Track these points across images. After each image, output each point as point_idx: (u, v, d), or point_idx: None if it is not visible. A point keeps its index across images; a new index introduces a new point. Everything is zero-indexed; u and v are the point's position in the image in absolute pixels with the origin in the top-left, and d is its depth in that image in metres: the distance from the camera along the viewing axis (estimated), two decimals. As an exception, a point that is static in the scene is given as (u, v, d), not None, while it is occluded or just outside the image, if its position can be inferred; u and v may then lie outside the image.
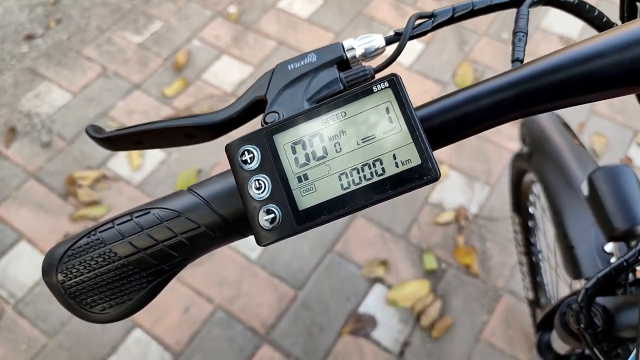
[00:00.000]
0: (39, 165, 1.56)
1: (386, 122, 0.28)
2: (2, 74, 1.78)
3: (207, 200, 0.31)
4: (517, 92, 0.29)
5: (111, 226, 0.32)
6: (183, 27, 1.88)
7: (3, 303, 1.33)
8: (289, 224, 0.28)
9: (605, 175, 0.52)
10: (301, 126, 0.29)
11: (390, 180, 0.28)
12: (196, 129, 0.36)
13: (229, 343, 1.26)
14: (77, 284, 0.31)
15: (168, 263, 0.31)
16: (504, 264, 1.37)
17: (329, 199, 0.28)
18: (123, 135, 0.37)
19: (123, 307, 0.32)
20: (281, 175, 0.29)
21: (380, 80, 0.29)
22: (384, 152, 0.28)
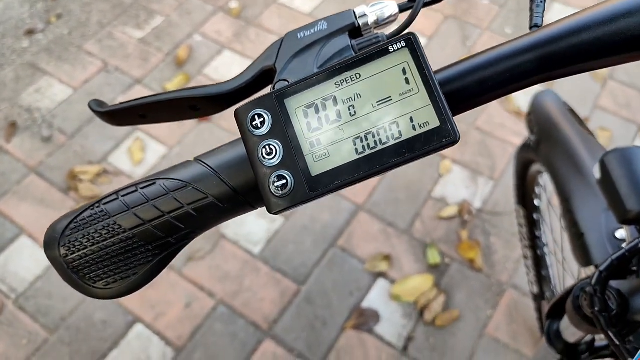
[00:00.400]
0: (39, 160, 1.55)
1: (403, 83, 0.27)
2: (3, 69, 1.77)
3: (215, 169, 0.30)
4: (538, 55, 0.28)
5: (115, 198, 0.30)
6: (184, 22, 1.87)
7: (4, 298, 1.32)
8: (301, 191, 0.27)
9: (618, 157, 0.51)
10: (314, 89, 0.28)
11: (407, 144, 0.27)
12: (202, 100, 0.35)
13: (231, 338, 1.25)
14: (80, 258, 0.30)
15: (174, 236, 0.30)
16: (508, 258, 1.36)
17: (343, 164, 0.27)
18: (127, 108, 0.36)
19: (128, 282, 0.31)
20: (293, 140, 0.28)
21: (397, 39, 0.28)
22: (401, 114, 0.27)
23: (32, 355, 1.24)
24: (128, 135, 1.59)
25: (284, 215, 1.44)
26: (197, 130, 1.60)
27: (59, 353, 1.24)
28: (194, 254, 1.37)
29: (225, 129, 1.59)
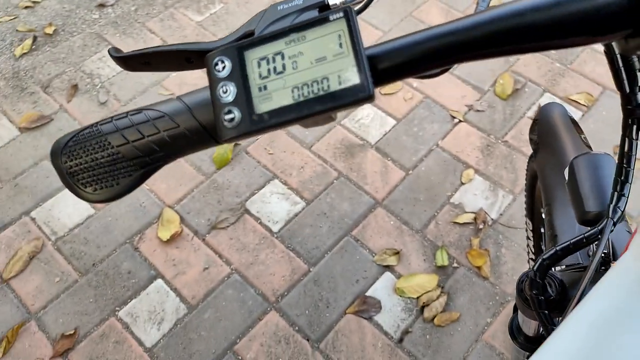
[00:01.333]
0: (94, 121, 1.70)
1: (337, 47, 0.33)
2: (73, 36, 1.94)
3: (189, 106, 0.37)
4: (457, 40, 0.33)
5: (109, 121, 0.37)
6: (241, 11, 1.99)
7: (45, 238, 1.47)
8: (245, 124, 0.34)
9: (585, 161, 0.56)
10: (267, 45, 0.34)
11: (332, 95, 0.32)
12: (194, 53, 0.41)
13: (240, 304, 1.34)
14: (76, 166, 0.37)
15: (151, 156, 0.37)
16: (516, 271, 1.38)
17: (281, 106, 0.33)
18: (135, 55, 0.44)
19: (111, 190, 0.37)
20: (245, 84, 0.34)
21: (337, 10, 0.33)
22: (331, 71, 0.33)
23: (61, 292, 1.37)
24: (174, 109, 1.72)
25: (305, 200, 1.52)
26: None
27: (86, 294, 1.37)
28: (218, 224, 1.47)
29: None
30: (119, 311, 1.34)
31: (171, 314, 1.33)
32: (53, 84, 1.80)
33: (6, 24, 2.00)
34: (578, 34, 0.32)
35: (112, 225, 1.48)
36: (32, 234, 1.47)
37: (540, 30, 0.32)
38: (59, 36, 1.94)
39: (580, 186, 0.55)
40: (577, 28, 0.32)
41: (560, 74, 1.78)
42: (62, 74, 1.82)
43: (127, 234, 1.46)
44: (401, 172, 1.57)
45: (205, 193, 1.54)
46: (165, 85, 1.78)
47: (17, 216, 1.50)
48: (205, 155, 1.61)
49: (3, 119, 1.72)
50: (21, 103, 1.75)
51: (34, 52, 1.90)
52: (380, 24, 1.93)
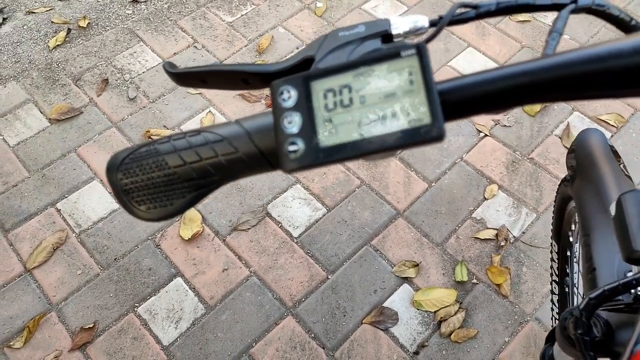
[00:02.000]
0: (122, 117, 1.72)
1: (407, 83, 0.32)
2: (106, 30, 1.97)
3: (249, 131, 0.36)
4: (531, 80, 0.33)
5: (167, 141, 0.37)
6: (272, 14, 2.00)
7: (69, 230, 1.49)
8: (309, 157, 0.33)
9: (634, 198, 0.55)
10: (335, 77, 0.34)
11: (401, 133, 0.32)
12: (252, 75, 0.42)
13: (257, 308, 1.35)
14: (132, 183, 0.37)
15: (207, 179, 0.37)
16: (536, 291, 1.37)
17: (346, 142, 0.33)
18: (191, 73, 0.44)
19: (164, 210, 0.37)
20: (310, 115, 0.34)
21: (409, 46, 0.33)
22: (400, 108, 0.32)
23: (83, 285, 1.39)
24: (202, 109, 1.74)
25: (326, 206, 1.52)
26: (263, 115, 1.71)
27: (106, 288, 1.39)
28: (239, 225, 1.48)
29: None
30: (138, 307, 1.35)
31: (189, 313, 1.34)
32: (84, 77, 1.83)
33: (42, 15, 2.03)
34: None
35: (135, 222, 1.50)
36: (57, 225, 1.49)
37: (623, 77, 0.32)
38: (92, 30, 1.97)
39: (629, 223, 0.54)
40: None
41: (591, 92, 1.75)
42: (94, 68, 1.85)
43: (150, 231, 1.48)
44: (424, 183, 1.57)
45: (227, 194, 1.55)
46: (193, 84, 1.80)
47: (42, 207, 1.53)
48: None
49: (34, 109, 1.75)
50: (52, 94, 1.78)
51: (67, 44, 1.93)
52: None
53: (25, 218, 1.51)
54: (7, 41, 1.94)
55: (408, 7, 2.00)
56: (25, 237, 1.47)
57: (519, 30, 1.93)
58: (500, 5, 0.42)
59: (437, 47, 1.88)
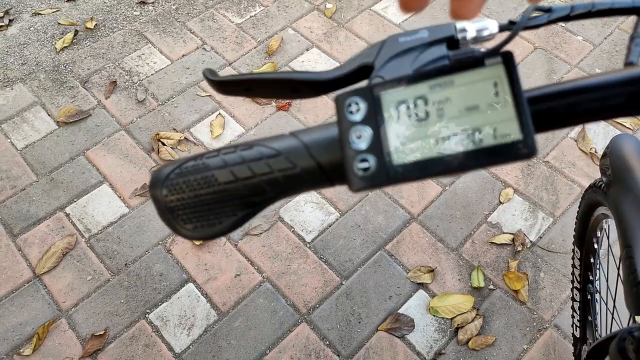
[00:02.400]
0: (131, 119, 1.70)
1: (492, 95, 0.29)
2: (113, 31, 1.95)
3: (307, 145, 0.33)
4: (628, 91, 0.30)
5: (216, 154, 0.34)
6: (281, 15, 1.98)
7: (78, 235, 1.47)
8: (381, 175, 0.30)
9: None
10: (409, 87, 0.31)
11: (486, 151, 0.28)
12: (303, 84, 0.39)
13: (270, 314, 1.32)
14: (178, 200, 0.34)
15: (260, 196, 0.34)
16: (554, 297, 1.34)
17: (422, 159, 0.29)
18: (235, 81, 0.41)
19: (212, 229, 0.34)
20: (381, 129, 0.30)
21: (494, 54, 0.29)
22: (485, 123, 0.29)
23: (93, 291, 1.37)
24: (212, 111, 1.71)
25: (339, 211, 1.49)
26: (274, 117, 1.69)
27: (117, 294, 1.36)
28: (251, 230, 1.46)
29: (300, 120, 1.67)
30: (150, 314, 1.33)
31: (201, 319, 1.32)
32: (92, 80, 1.80)
33: (48, 16, 2.01)
34: None
35: (146, 226, 1.47)
36: (66, 230, 1.47)
37: None
38: (99, 31, 1.95)
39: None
40: None
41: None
42: (102, 70, 1.83)
43: (160, 236, 1.45)
44: (438, 187, 1.54)
45: (239, 198, 1.53)
46: (202, 86, 1.78)
47: (51, 211, 1.51)
48: (241, 159, 1.60)
49: (42, 112, 1.73)
50: (60, 97, 1.76)
51: (74, 46, 1.90)
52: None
53: (34, 222, 1.48)
54: (13, 43, 1.92)
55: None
56: (34, 242, 1.45)
57: (532, 31, 1.91)
58: (574, 11, 0.39)
59: (449, 48, 1.86)
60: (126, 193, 1.53)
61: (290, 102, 1.73)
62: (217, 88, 0.42)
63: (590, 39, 1.87)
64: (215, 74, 0.42)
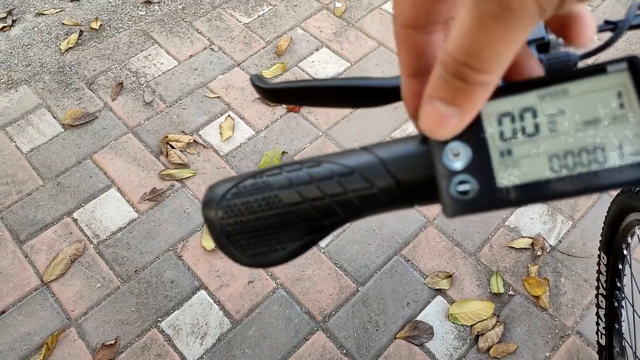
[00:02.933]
0: (138, 122, 1.66)
1: (616, 107, 0.25)
2: (119, 32, 1.91)
3: (385, 161, 0.30)
4: None
5: (279, 172, 0.30)
6: (289, 15, 1.94)
7: (87, 241, 1.43)
8: (483, 199, 0.26)
9: None
10: (513, 97, 0.27)
11: (611, 172, 0.25)
12: (366, 90, 0.35)
13: (285, 322, 1.29)
14: (236, 224, 0.30)
15: (330, 219, 0.30)
16: (576, 303, 1.31)
17: (533, 180, 0.26)
18: (288, 88, 0.37)
19: (274, 255, 0.31)
20: (482, 146, 0.26)
21: (617, 60, 0.26)
22: (608, 139, 0.25)
23: (102, 299, 1.33)
24: (221, 113, 1.68)
25: (354, 215, 1.46)
26: (285, 119, 1.65)
27: (127, 302, 1.33)
28: (264, 236, 1.42)
29: (311, 121, 1.64)
30: (161, 322, 1.29)
31: (215, 328, 1.28)
32: (98, 81, 1.77)
33: (52, 16, 1.97)
34: None
35: (156, 231, 1.44)
36: (74, 235, 1.43)
37: None
38: (104, 32, 1.91)
39: None
40: None
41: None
42: (108, 71, 1.79)
43: (171, 241, 1.42)
44: (454, 190, 1.51)
45: (250, 202, 1.49)
46: (211, 87, 1.74)
47: (58, 216, 1.47)
48: (252, 162, 1.56)
49: (47, 114, 1.69)
50: (65, 99, 1.72)
51: (79, 47, 1.87)
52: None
53: (41, 228, 1.45)
54: (17, 44, 1.88)
55: (430, 7, 1.94)
56: (42, 249, 1.41)
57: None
58: None
59: (461, 48, 1.82)
60: (135, 198, 1.49)
61: (301, 103, 1.69)
62: (266, 96, 0.38)
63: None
64: (265, 80, 0.38)
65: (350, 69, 1.77)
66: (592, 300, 1.31)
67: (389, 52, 1.81)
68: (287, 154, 1.57)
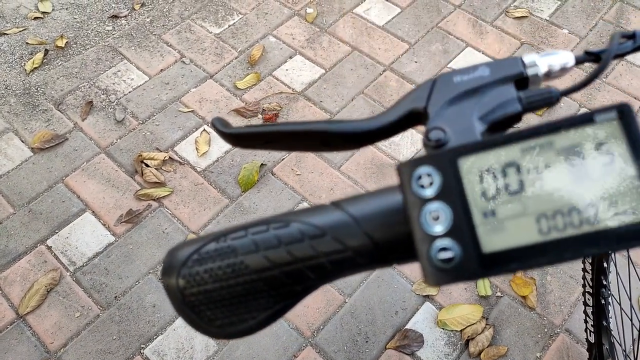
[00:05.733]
0: (110, 141, 1.61)
1: (606, 159, 0.23)
2: (86, 49, 1.86)
3: (358, 219, 0.27)
4: None
5: (244, 235, 0.28)
6: (261, 23, 1.91)
7: (62, 269, 1.38)
8: (469, 267, 0.24)
9: None
10: (495, 152, 0.24)
11: (605, 233, 0.22)
12: (339, 136, 0.33)
13: (273, 340, 1.26)
14: (200, 294, 0.28)
15: (302, 284, 0.28)
16: (564, 300, 1.31)
17: (522, 245, 0.24)
18: (254, 133, 0.34)
19: (245, 325, 0.29)
20: (464, 207, 0.24)
21: (606, 108, 0.24)
22: (600, 196, 0.23)
23: (82, 329, 1.29)
24: (196, 127, 1.64)
25: (337, 225, 1.44)
26: (261, 130, 1.62)
27: (108, 331, 1.28)
28: (246, 252, 1.39)
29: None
30: (145, 349, 1.25)
31: (200, 351, 1.25)
32: (66, 101, 1.71)
33: (15, 36, 1.91)
34: None
35: (134, 254, 1.39)
36: (49, 264, 1.38)
37: None
38: (71, 49, 1.86)
39: None
40: None
41: (596, 88, 1.71)
42: (76, 90, 1.74)
43: (150, 264, 1.38)
44: (436, 193, 1.50)
45: (230, 217, 1.46)
46: (184, 101, 1.70)
47: (32, 245, 1.42)
48: (230, 176, 1.53)
49: (14, 138, 1.63)
50: (33, 121, 1.67)
51: (45, 66, 1.81)
52: (405, 36, 1.85)
53: (14, 258, 1.39)
54: (-21, 66, 1.82)
55: (401, 9, 1.93)
56: (15, 280, 1.36)
57: (516, 26, 1.88)
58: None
59: (435, 49, 1.82)
60: (111, 220, 1.45)
61: (277, 113, 1.66)
62: (230, 140, 0.35)
63: (576, 32, 1.85)
64: (227, 124, 0.35)
65: (325, 75, 1.75)
66: (578, 297, 1.31)
67: (363, 56, 1.80)
68: (265, 166, 1.54)
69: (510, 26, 1.88)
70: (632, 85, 1.70)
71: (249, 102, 1.69)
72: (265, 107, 1.67)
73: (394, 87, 1.72)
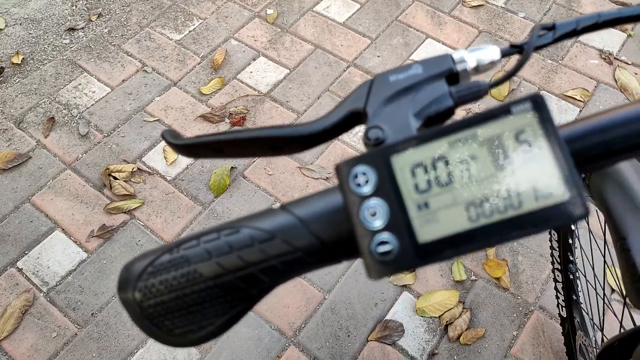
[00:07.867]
0: (76, 156, 1.59)
1: (526, 148, 0.25)
2: (44, 64, 1.82)
3: (304, 220, 0.29)
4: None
5: (196, 244, 0.29)
6: (221, 27, 1.90)
7: (35, 290, 1.35)
8: (407, 257, 0.25)
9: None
10: (424, 147, 0.26)
11: (528, 216, 0.24)
12: (284, 140, 0.34)
13: (256, 343, 1.27)
14: (157, 305, 0.28)
15: (256, 288, 0.29)
16: (535, 278, 1.35)
17: (454, 233, 0.25)
18: (203, 143, 0.35)
19: (204, 331, 0.29)
20: (399, 201, 0.26)
21: (521, 100, 0.25)
22: (521, 182, 0.24)
23: (60, 349, 1.27)
24: (162, 136, 1.62)
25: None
26: (229, 134, 1.62)
27: (87, 349, 1.27)
28: (223, 257, 1.39)
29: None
30: (127, 363, 1.24)
31: (183, 360, 1.24)
32: (27, 119, 1.67)
33: (-33, 56, 1.85)
34: None
35: (108, 269, 1.38)
36: (21, 286, 1.35)
37: None
38: (28, 65, 1.81)
39: None
40: None
41: (553, 70, 1.76)
42: (36, 107, 1.70)
43: (126, 277, 1.36)
44: (407, 184, 1.52)
45: (204, 224, 1.45)
46: (149, 110, 1.68)
47: (1, 268, 1.38)
48: (201, 183, 1.52)
49: (-25, 161, 1.59)
50: (-7, 142, 1.63)
51: (2, 84, 1.76)
52: (366, 31, 1.87)
53: (-17, 284, 1.36)
54: None
55: (360, 5, 1.95)
56: (-13, 305, 1.33)
57: (473, 15, 1.92)
58: (580, 24, 0.35)
59: (396, 42, 1.84)
60: (82, 237, 1.43)
61: (244, 116, 1.66)
62: (181, 151, 0.36)
63: (531, 16, 1.90)
64: (178, 136, 0.36)
65: (290, 75, 1.76)
66: (549, 274, 1.35)
67: (326, 54, 1.81)
68: (236, 169, 1.54)
69: (467, 15, 1.92)
70: (586, 66, 1.76)
71: (215, 107, 1.68)
72: (231, 111, 1.67)
73: (358, 83, 1.73)
